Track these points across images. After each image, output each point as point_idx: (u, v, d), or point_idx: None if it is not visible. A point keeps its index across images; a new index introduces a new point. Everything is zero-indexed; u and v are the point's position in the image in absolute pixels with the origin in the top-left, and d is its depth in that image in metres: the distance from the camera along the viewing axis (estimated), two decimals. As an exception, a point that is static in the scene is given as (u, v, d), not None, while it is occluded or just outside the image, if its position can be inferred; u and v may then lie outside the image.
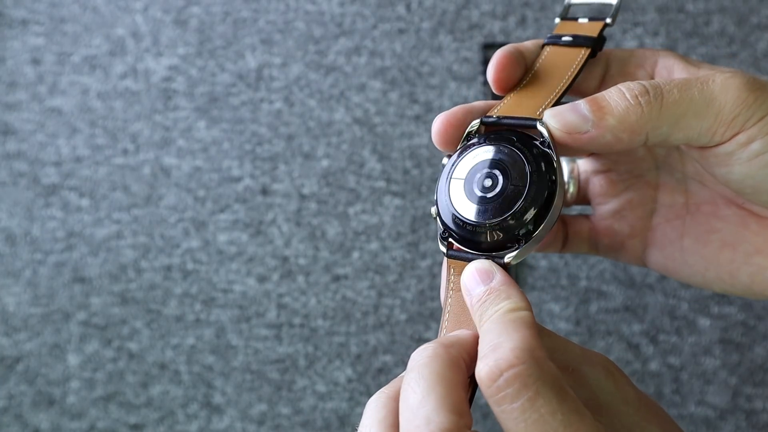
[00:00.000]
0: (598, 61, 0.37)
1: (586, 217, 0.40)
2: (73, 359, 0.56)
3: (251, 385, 0.55)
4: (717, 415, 0.53)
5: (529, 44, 0.37)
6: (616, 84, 0.36)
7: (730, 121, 0.31)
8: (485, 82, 0.56)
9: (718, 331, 0.53)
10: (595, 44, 0.36)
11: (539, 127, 0.32)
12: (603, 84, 0.37)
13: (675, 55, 0.36)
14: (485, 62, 0.56)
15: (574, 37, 0.36)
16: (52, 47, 0.58)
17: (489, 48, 0.56)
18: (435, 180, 0.55)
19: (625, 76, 0.36)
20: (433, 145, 0.56)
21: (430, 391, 0.27)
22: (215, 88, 0.57)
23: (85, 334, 0.56)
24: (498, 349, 0.26)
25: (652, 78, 0.36)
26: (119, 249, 0.56)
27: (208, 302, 0.56)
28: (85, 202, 0.57)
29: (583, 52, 0.36)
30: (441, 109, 0.56)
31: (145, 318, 0.56)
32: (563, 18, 0.39)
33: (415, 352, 0.29)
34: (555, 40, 0.37)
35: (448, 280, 0.32)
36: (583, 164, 0.40)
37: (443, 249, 0.32)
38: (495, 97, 0.37)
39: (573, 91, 0.36)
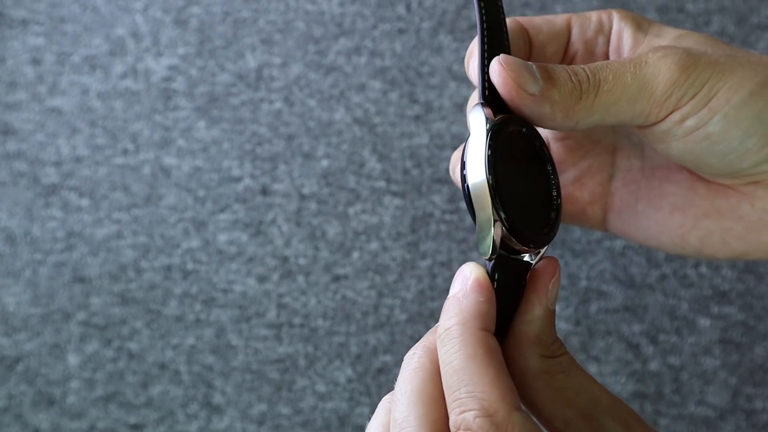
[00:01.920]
0: (560, 26, 0.36)
1: None
2: (73, 359, 0.56)
3: (251, 385, 0.55)
4: (717, 415, 0.53)
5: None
6: (577, 50, 0.36)
7: (663, 102, 0.31)
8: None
9: (718, 331, 0.53)
10: None
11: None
12: (566, 52, 0.37)
13: (626, 17, 0.36)
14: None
15: None
16: (52, 47, 0.58)
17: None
18: (435, 180, 0.55)
19: (586, 43, 0.36)
20: (433, 145, 0.56)
21: (411, 409, 0.28)
22: (215, 88, 0.57)
23: (85, 334, 0.56)
24: (460, 410, 0.27)
25: (608, 40, 0.36)
26: (119, 249, 0.56)
27: (208, 302, 0.56)
28: (85, 202, 0.57)
29: None
30: (441, 109, 0.56)
31: (145, 318, 0.56)
32: None
33: (405, 357, 0.30)
34: None
35: None
36: (541, 133, 0.40)
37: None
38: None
39: (534, 55, 0.36)
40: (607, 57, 0.37)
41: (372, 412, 0.54)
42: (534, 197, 0.32)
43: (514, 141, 0.32)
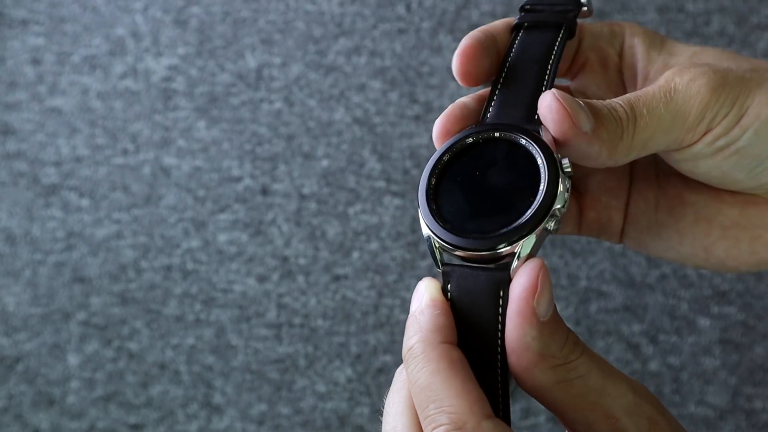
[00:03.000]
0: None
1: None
2: (73, 359, 0.56)
3: (251, 385, 0.55)
4: (717, 415, 0.53)
5: (499, 24, 0.35)
6: (588, 58, 0.35)
7: (696, 126, 0.31)
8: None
9: (717, 331, 0.53)
10: (572, 23, 0.34)
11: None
12: (576, 59, 0.36)
13: (637, 33, 0.35)
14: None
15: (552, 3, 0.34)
16: (52, 47, 0.58)
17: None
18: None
19: (597, 51, 0.35)
20: (433, 144, 0.56)
21: (398, 420, 0.28)
22: (215, 88, 0.57)
23: (85, 334, 0.56)
24: (432, 427, 0.26)
25: (620, 54, 0.35)
26: (119, 249, 0.56)
27: (208, 302, 0.56)
28: (85, 202, 0.57)
29: (560, 34, 0.33)
30: (441, 110, 0.56)
31: (145, 318, 0.56)
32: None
33: (396, 371, 0.30)
34: (530, 18, 0.34)
35: None
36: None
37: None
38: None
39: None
40: (620, 72, 0.36)
41: (372, 412, 0.54)
42: (491, 204, 0.31)
43: (500, 150, 0.31)
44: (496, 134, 0.31)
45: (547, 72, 0.32)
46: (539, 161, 0.29)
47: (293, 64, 0.57)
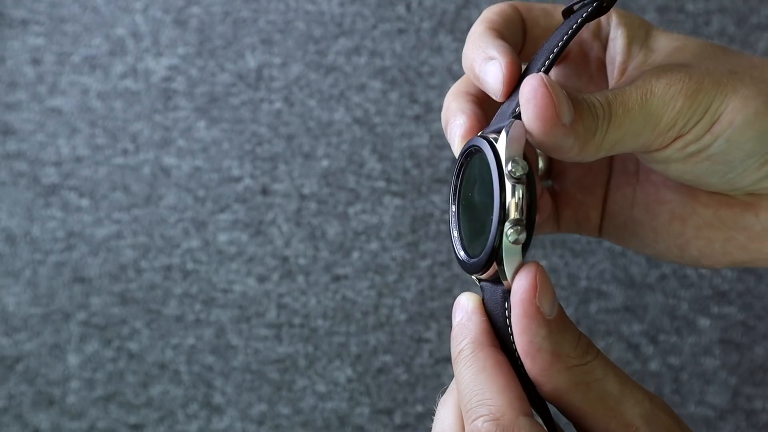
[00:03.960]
0: (557, 22, 0.34)
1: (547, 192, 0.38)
2: (73, 359, 0.56)
3: (251, 385, 0.55)
4: (717, 415, 0.53)
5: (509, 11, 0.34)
6: (570, 51, 0.34)
7: (667, 131, 0.30)
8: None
9: (718, 331, 0.53)
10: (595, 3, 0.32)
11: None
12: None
13: (623, 24, 0.34)
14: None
15: None
16: (52, 47, 0.58)
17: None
18: (435, 180, 0.55)
19: (580, 44, 0.35)
20: (433, 145, 0.56)
21: (444, 419, 0.29)
22: (215, 88, 0.57)
23: (85, 334, 0.56)
24: (472, 419, 0.27)
25: (605, 47, 0.35)
26: (119, 249, 0.56)
27: (208, 302, 0.56)
28: (85, 202, 0.57)
29: (577, 20, 0.32)
30: (441, 109, 0.56)
31: (145, 318, 0.56)
32: None
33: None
34: None
35: None
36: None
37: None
38: None
39: (526, 48, 0.34)
40: (602, 64, 0.35)
41: (372, 412, 0.55)
42: (476, 225, 0.31)
43: (478, 164, 0.30)
44: (474, 146, 0.30)
45: (548, 58, 0.31)
46: (493, 172, 0.29)
47: (293, 64, 0.57)
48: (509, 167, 0.28)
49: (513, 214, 0.28)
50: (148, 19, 0.58)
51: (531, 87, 0.29)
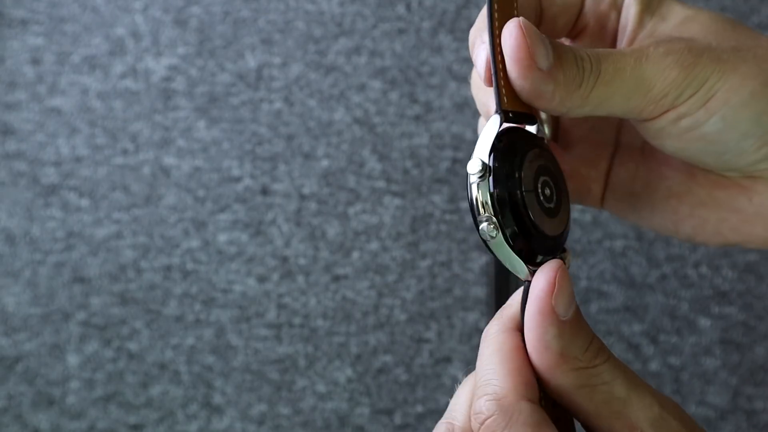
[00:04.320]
0: None
1: None
2: (72, 359, 0.56)
3: (251, 385, 0.55)
4: (717, 415, 0.53)
5: None
6: (588, 23, 0.34)
7: (659, 100, 0.30)
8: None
9: (718, 332, 0.53)
10: None
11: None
12: (577, 22, 0.35)
13: None
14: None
15: None
16: (52, 47, 0.58)
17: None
18: (435, 180, 0.55)
19: (599, 17, 0.35)
20: (433, 145, 0.56)
21: (459, 395, 0.30)
22: (215, 88, 0.57)
23: (84, 334, 0.56)
24: (478, 396, 0.28)
25: (620, 17, 0.35)
26: (119, 249, 0.56)
27: (208, 302, 0.55)
28: (84, 202, 0.57)
29: None
30: (441, 109, 0.56)
31: (145, 318, 0.56)
32: None
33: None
34: None
35: None
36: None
37: (529, 273, 0.29)
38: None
39: (543, 27, 0.34)
40: (615, 35, 0.35)
41: (372, 412, 0.54)
42: None
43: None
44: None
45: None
46: None
47: (293, 64, 0.57)
48: (470, 167, 0.29)
49: (480, 212, 0.28)
50: (148, 19, 0.58)
51: (508, 30, 0.29)
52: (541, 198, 0.29)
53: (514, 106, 0.30)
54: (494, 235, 0.28)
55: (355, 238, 0.55)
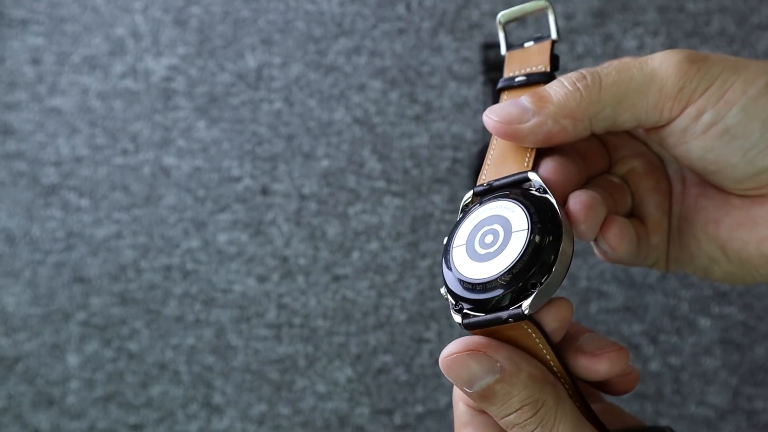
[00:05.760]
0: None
1: None
2: (72, 359, 0.56)
3: (251, 385, 0.55)
4: (717, 415, 0.53)
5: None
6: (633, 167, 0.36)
7: (676, 94, 0.31)
8: (485, 82, 0.56)
9: (718, 332, 0.53)
10: (549, 77, 0.34)
11: (531, 176, 0.31)
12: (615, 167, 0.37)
13: None
14: (485, 62, 0.56)
15: (527, 76, 0.35)
16: (52, 47, 0.58)
17: (489, 48, 0.56)
18: (435, 180, 0.55)
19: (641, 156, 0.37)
20: (433, 144, 0.56)
21: None
22: (215, 88, 0.57)
23: (84, 334, 0.56)
24: None
25: None
26: (119, 249, 0.56)
27: (208, 302, 0.55)
28: (84, 202, 0.57)
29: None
30: (441, 109, 0.56)
31: (145, 318, 0.56)
32: (508, 48, 0.37)
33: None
34: (509, 83, 0.35)
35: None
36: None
37: (459, 321, 0.30)
38: (495, 98, 0.36)
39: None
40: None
41: (372, 412, 0.54)
42: None
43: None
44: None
45: None
46: None
47: (293, 64, 0.57)
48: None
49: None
50: (148, 19, 0.58)
51: (486, 124, 0.33)
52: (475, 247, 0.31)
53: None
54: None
55: (355, 238, 0.55)
